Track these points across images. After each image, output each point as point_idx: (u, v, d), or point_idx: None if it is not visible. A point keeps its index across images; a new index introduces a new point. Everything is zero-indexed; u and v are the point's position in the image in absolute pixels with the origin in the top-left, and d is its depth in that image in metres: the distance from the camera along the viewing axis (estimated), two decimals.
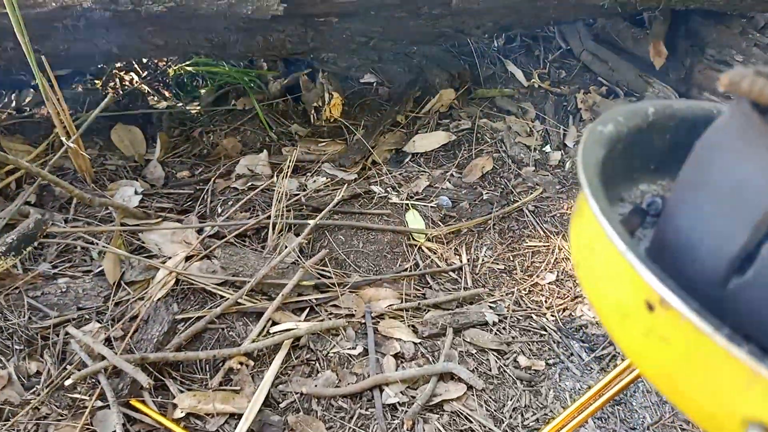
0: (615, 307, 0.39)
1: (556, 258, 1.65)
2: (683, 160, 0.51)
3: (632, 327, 0.38)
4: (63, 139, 1.60)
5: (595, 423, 1.29)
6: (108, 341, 1.34)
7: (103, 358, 1.27)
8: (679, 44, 2.24)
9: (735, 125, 0.40)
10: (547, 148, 2.00)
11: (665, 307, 0.35)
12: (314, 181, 1.84)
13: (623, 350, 0.40)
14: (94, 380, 1.26)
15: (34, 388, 1.26)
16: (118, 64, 2.24)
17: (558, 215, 1.77)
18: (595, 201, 0.40)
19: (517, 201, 1.80)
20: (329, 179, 1.85)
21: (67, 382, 1.24)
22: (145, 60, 2.28)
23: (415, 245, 1.67)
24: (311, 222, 1.63)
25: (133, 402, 1.24)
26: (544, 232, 1.72)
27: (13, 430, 1.16)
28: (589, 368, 1.41)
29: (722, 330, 0.32)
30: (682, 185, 0.43)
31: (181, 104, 2.15)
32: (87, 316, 1.40)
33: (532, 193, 1.82)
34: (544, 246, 1.68)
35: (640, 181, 0.53)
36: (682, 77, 2.18)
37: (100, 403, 1.23)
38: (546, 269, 1.63)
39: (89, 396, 1.24)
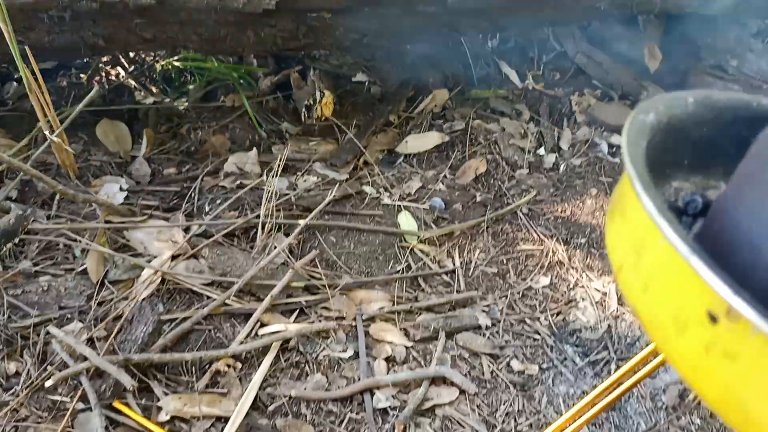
0: (669, 318, 0.35)
1: (550, 261, 1.63)
2: (718, 156, 0.48)
3: (690, 342, 0.33)
4: (47, 132, 1.55)
5: (588, 428, 1.27)
6: (91, 341, 1.30)
7: (86, 358, 1.23)
8: (674, 48, 2.23)
9: None
10: (542, 151, 1.98)
11: (732, 318, 0.31)
12: (305, 181, 1.81)
13: (678, 369, 0.35)
14: (75, 381, 1.22)
15: (13, 389, 1.22)
16: (105, 58, 2.19)
17: (552, 218, 1.75)
18: (650, 199, 0.36)
19: (511, 203, 1.78)
20: (320, 179, 1.82)
21: (48, 383, 1.20)
22: (132, 54, 2.23)
23: (408, 247, 1.64)
24: (301, 222, 1.60)
25: (116, 404, 1.20)
26: (538, 235, 1.70)
27: None
28: (583, 373, 1.39)
29: None
30: (741, 180, 0.40)
31: (168, 100, 2.10)
32: (69, 316, 1.36)
33: (526, 196, 1.80)
34: (538, 249, 1.66)
35: (672, 178, 0.49)
36: (677, 81, 2.17)
37: (81, 405, 1.19)
38: (540, 273, 1.60)
39: (70, 398, 1.20)
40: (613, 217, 0.44)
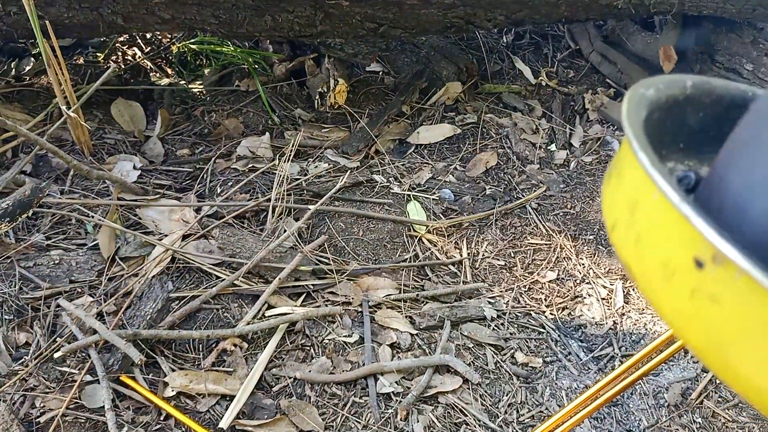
0: (658, 267, 0.36)
1: (558, 257, 1.63)
2: (713, 142, 0.49)
3: (676, 288, 0.35)
4: (63, 108, 1.56)
5: (591, 423, 1.28)
6: (100, 316, 1.32)
7: (95, 332, 1.24)
8: (689, 50, 2.23)
9: None
10: (553, 147, 1.99)
11: (718, 262, 0.32)
12: (316, 167, 1.81)
13: (664, 318, 0.37)
14: (84, 354, 1.24)
15: (23, 359, 1.23)
16: (122, 38, 2.20)
17: (561, 214, 1.75)
18: (645, 155, 0.38)
19: (521, 198, 1.78)
20: (331, 165, 1.82)
21: (57, 355, 1.22)
22: (148, 36, 2.24)
23: (416, 236, 1.65)
24: (311, 207, 1.61)
25: (124, 378, 1.21)
26: (547, 230, 1.70)
27: (0, 400, 1.13)
28: (586, 368, 1.40)
29: None
30: (733, 146, 0.41)
31: (183, 82, 2.11)
32: (79, 290, 1.37)
33: (535, 191, 1.81)
34: (546, 244, 1.67)
35: (667, 159, 0.51)
36: None
37: (89, 378, 1.21)
38: (547, 267, 1.61)
39: (78, 370, 1.22)
40: (609, 179, 0.46)
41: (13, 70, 1.99)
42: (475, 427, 1.24)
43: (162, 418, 1.18)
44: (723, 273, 0.32)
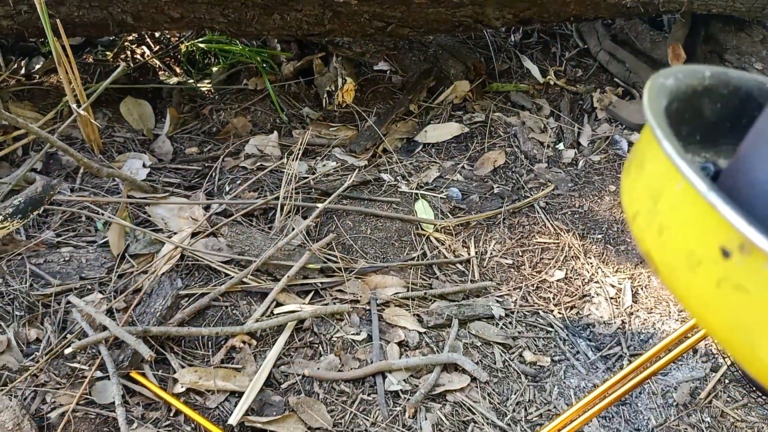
0: (682, 257, 0.36)
1: (566, 256, 1.63)
2: (729, 134, 0.49)
3: (702, 278, 0.35)
4: (73, 106, 1.57)
5: (599, 421, 1.28)
6: (110, 312, 1.33)
7: (105, 328, 1.25)
8: (698, 49, 2.22)
9: None
10: (561, 146, 1.98)
11: (745, 252, 0.32)
12: (324, 165, 1.82)
13: (688, 307, 0.37)
14: (94, 350, 1.25)
15: (33, 355, 1.24)
16: (131, 37, 2.21)
17: (569, 213, 1.75)
18: (670, 144, 0.37)
19: (529, 197, 1.78)
20: (339, 164, 1.83)
21: (67, 351, 1.23)
22: (157, 35, 2.25)
23: (424, 235, 1.65)
24: (320, 205, 1.61)
25: (134, 374, 1.22)
26: (555, 229, 1.70)
27: (11, 395, 1.14)
28: (595, 367, 1.39)
29: None
30: (757, 136, 0.41)
31: (191, 81, 2.12)
32: (89, 287, 1.38)
33: (543, 190, 1.80)
34: (554, 243, 1.66)
35: (685, 150, 0.51)
36: None
37: (99, 374, 1.22)
38: (555, 266, 1.61)
39: (89, 366, 1.23)
40: (629, 170, 0.46)
41: (24, 68, 2.00)
42: (483, 425, 1.25)
43: (171, 414, 1.18)
44: (751, 262, 0.32)
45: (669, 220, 0.38)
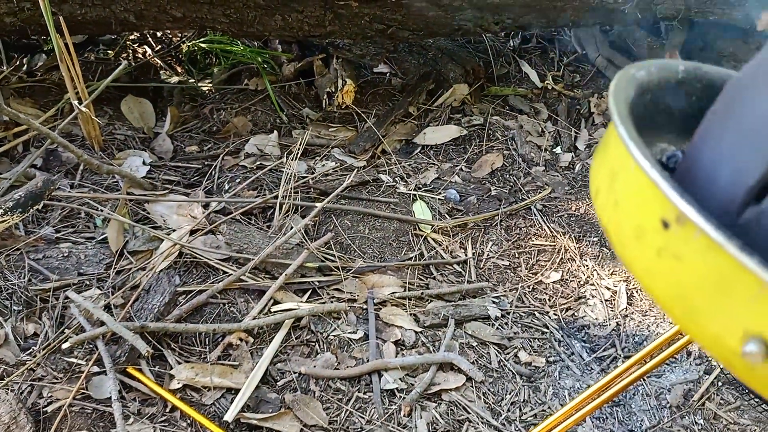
0: (631, 229, 0.40)
1: (562, 258, 1.64)
2: None
3: (646, 247, 0.39)
4: (75, 103, 1.58)
5: (593, 422, 1.28)
6: (108, 308, 1.33)
7: (103, 324, 1.26)
8: (695, 56, 2.23)
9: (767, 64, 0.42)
10: (558, 150, 2.00)
11: (681, 223, 0.36)
12: (323, 165, 1.83)
13: (634, 273, 0.41)
14: (91, 346, 1.25)
15: (31, 350, 1.25)
16: (132, 36, 2.23)
17: (566, 216, 1.76)
18: (623, 126, 0.41)
19: (526, 199, 1.79)
20: (338, 164, 1.84)
21: (65, 346, 1.23)
22: (159, 34, 2.26)
23: (421, 236, 1.66)
24: (318, 205, 1.62)
25: (130, 370, 1.22)
26: (551, 231, 1.71)
27: (8, 389, 1.14)
28: (589, 368, 1.40)
29: (734, 241, 0.33)
30: (708, 122, 0.45)
31: (192, 80, 2.13)
32: (87, 282, 1.39)
33: (540, 193, 1.82)
34: (551, 245, 1.68)
35: (660, 140, 0.54)
36: None
37: (96, 369, 1.22)
38: (551, 268, 1.62)
39: (86, 361, 1.23)
40: (596, 154, 0.50)
41: (26, 65, 2.01)
42: (477, 424, 1.25)
43: (168, 410, 1.19)
44: (684, 232, 0.36)
45: (622, 196, 0.42)
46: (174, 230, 1.52)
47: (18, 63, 2.00)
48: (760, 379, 0.35)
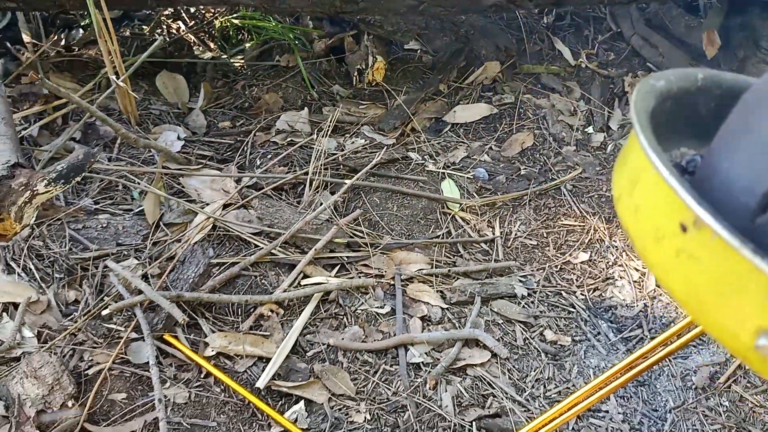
0: (651, 232, 0.43)
1: (591, 238, 1.64)
2: None
3: (665, 249, 0.41)
4: (112, 77, 1.62)
5: (617, 401, 1.30)
6: (145, 278, 1.38)
7: (140, 292, 1.30)
8: (733, 36, 2.18)
9: None
10: (590, 129, 1.98)
11: (698, 226, 0.38)
12: (353, 143, 1.84)
13: (654, 272, 0.44)
14: (130, 313, 1.30)
15: (72, 316, 1.30)
16: (167, 12, 2.25)
17: (596, 196, 1.76)
18: (644, 135, 0.43)
19: (556, 179, 1.79)
20: (368, 142, 1.85)
21: (104, 313, 1.28)
22: (192, 9, 2.29)
23: (449, 214, 1.67)
24: (348, 181, 1.64)
25: (167, 337, 1.27)
26: (581, 212, 1.71)
27: (51, 352, 1.20)
28: (615, 348, 1.41)
29: (748, 244, 0.35)
30: (723, 132, 0.47)
31: (225, 56, 2.15)
32: (126, 252, 1.44)
33: (571, 173, 1.81)
34: (580, 226, 1.67)
35: (681, 144, 0.56)
36: (734, 69, 2.13)
37: (134, 335, 1.27)
38: (579, 248, 1.62)
39: (125, 327, 1.28)
40: (617, 162, 0.53)
41: (64, 40, 2.05)
42: (502, 399, 1.27)
43: (202, 376, 1.23)
44: (701, 235, 0.38)
45: (642, 202, 0.45)
46: (207, 204, 1.56)
47: (56, 38, 2.04)
48: None
